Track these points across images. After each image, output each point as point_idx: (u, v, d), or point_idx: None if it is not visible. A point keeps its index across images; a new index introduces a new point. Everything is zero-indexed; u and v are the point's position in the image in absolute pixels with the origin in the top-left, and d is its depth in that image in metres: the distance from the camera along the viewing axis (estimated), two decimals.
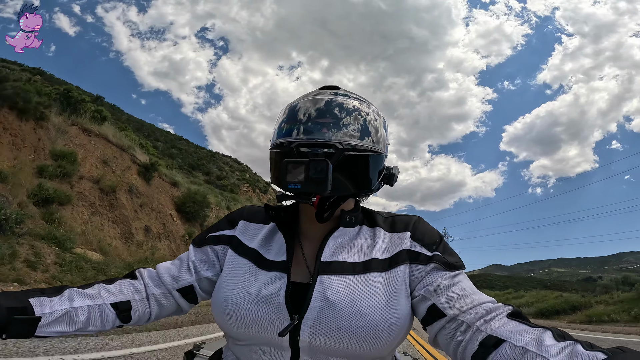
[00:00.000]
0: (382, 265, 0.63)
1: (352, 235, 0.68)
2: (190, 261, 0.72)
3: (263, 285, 0.62)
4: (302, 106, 0.67)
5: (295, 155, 0.61)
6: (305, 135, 0.63)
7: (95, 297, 0.62)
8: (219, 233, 0.74)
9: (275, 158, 0.66)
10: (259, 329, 0.60)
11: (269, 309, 0.60)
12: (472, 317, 0.54)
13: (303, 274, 0.65)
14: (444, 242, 0.67)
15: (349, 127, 0.64)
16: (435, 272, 0.62)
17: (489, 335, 0.50)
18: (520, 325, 0.49)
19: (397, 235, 0.68)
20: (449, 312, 0.57)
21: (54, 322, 0.56)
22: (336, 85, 0.74)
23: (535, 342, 0.45)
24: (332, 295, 0.58)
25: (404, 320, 0.60)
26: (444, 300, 0.58)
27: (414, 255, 0.64)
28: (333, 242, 0.66)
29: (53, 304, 0.57)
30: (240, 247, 0.70)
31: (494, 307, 0.55)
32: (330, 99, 0.67)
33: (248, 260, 0.67)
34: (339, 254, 0.64)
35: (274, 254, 0.67)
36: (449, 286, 0.59)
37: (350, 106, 0.66)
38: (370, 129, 0.66)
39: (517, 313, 0.53)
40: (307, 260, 0.66)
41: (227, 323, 0.62)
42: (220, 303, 0.63)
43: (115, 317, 0.64)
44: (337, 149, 0.61)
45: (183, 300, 0.71)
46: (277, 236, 0.70)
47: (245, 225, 0.73)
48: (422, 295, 0.61)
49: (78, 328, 0.59)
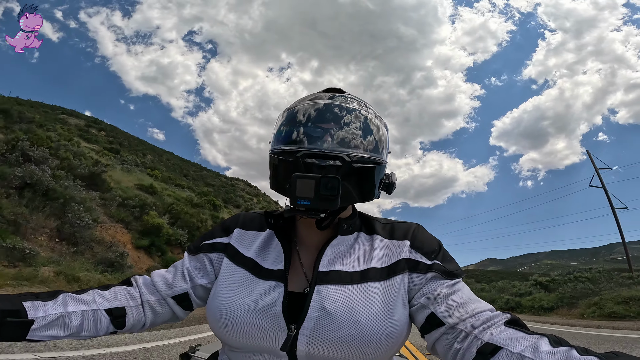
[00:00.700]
0: (380, 274, 0.63)
1: (350, 243, 0.67)
2: (184, 268, 0.71)
3: (260, 295, 0.61)
4: (303, 111, 0.65)
5: (302, 166, 0.60)
6: (309, 143, 0.62)
7: (90, 302, 0.62)
8: (213, 241, 0.73)
9: (278, 165, 0.64)
10: (256, 338, 0.59)
11: (266, 319, 0.59)
12: (471, 325, 0.54)
13: (300, 283, 0.64)
14: (443, 250, 0.67)
15: (355, 136, 0.63)
16: (435, 281, 0.62)
17: (486, 342, 0.51)
18: (518, 332, 0.50)
19: (396, 243, 0.67)
20: (448, 320, 0.57)
21: (47, 326, 0.56)
22: (340, 89, 0.72)
23: (531, 349, 0.45)
24: (330, 305, 0.58)
25: (402, 329, 0.60)
26: (443, 309, 0.58)
27: (413, 264, 0.64)
28: (331, 251, 0.65)
29: (47, 308, 0.57)
30: (237, 256, 0.69)
31: (493, 315, 0.55)
32: (332, 104, 0.65)
33: (244, 270, 0.66)
34: (337, 263, 0.64)
35: (271, 262, 0.66)
36: (448, 295, 0.60)
37: (353, 113, 0.65)
38: (374, 137, 0.66)
39: (515, 321, 0.54)
40: (304, 269, 0.66)
41: (223, 331, 0.62)
42: (216, 312, 0.63)
43: (109, 323, 0.63)
44: (344, 161, 0.60)
45: (178, 308, 0.70)
46: (274, 244, 0.69)
47: (241, 233, 0.73)
48: (421, 303, 0.61)
49: (71, 333, 0.59)
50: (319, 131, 0.63)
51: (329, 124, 0.63)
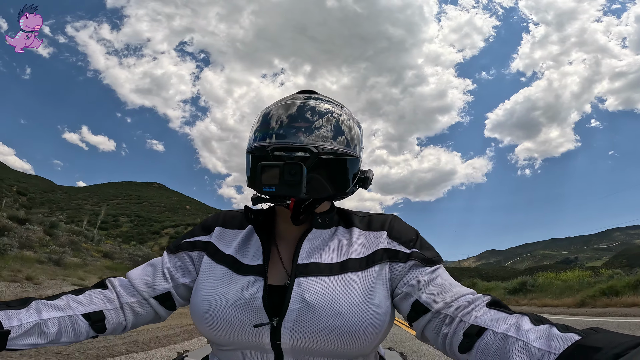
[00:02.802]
0: (359, 264, 0.64)
1: (328, 237, 0.68)
2: (165, 268, 0.70)
3: (240, 290, 0.61)
4: (276, 111, 0.67)
5: (271, 159, 0.62)
6: (279, 140, 0.64)
7: (64, 308, 0.60)
8: (194, 239, 0.73)
9: (251, 162, 0.67)
10: (240, 334, 0.60)
11: (247, 313, 0.59)
12: (455, 309, 0.56)
13: (280, 276, 0.65)
14: (421, 238, 0.68)
15: (323, 130, 0.65)
16: (415, 269, 0.63)
17: (471, 325, 0.52)
18: (499, 313, 0.51)
19: (373, 234, 0.68)
20: (432, 306, 0.58)
21: (24, 335, 0.55)
22: (312, 90, 0.74)
23: (514, 328, 0.47)
24: (310, 297, 0.58)
25: (384, 317, 0.61)
26: (426, 296, 0.59)
27: (392, 254, 0.65)
28: (308, 243, 0.66)
29: (20, 316, 0.55)
30: (217, 254, 0.69)
31: (474, 298, 0.57)
32: (304, 103, 0.67)
33: (224, 267, 0.66)
34: (316, 255, 0.64)
35: (250, 257, 0.66)
36: (429, 281, 0.61)
37: (323, 110, 0.67)
38: (344, 132, 0.67)
39: (496, 302, 0.55)
40: (283, 263, 0.66)
41: (207, 329, 0.62)
42: (198, 309, 0.63)
43: (89, 327, 0.62)
44: (311, 152, 0.62)
45: (161, 308, 0.69)
46: (254, 240, 0.69)
47: (221, 231, 0.73)
48: (405, 292, 0.62)
49: (50, 340, 0.58)
50: (290, 128, 0.65)
51: (300, 122, 0.65)
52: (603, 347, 0.36)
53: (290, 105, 0.67)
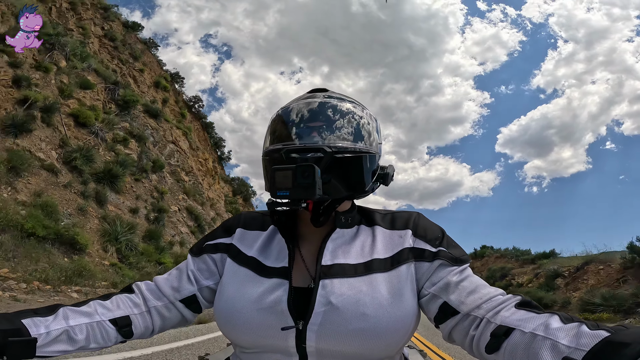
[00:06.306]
0: (384, 265, 0.62)
1: (350, 236, 0.67)
2: (189, 271, 0.70)
3: (265, 293, 0.61)
4: (288, 113, 0.66)
5: (285, 162, 0.61)
6: (292, 141, 0.63)
7: (92, 314, 0.61)
8: (216, 241, 0.73)
9: (266, 166, 0.66)
10: (264, 337, 0.59)
11: (272, 316, 0.59)
12: (484, 311, 0.55)
13: (304, 278, 0.64)
14: (447, 236, 0.67)
15: (339, 129, 0.63)
16: (443, 269, 0.62)
17: (499, 325, 0.51)
18: (529, 313, 0.50)
19: (397, 233, 0.67)
20: (462, 308, 0.57)
21: (53, 342, 0.55)
22: (325, 88, 0.73)
23: (542, 327, 0.46)
24: (336, 299, 0.58)
25: (410, 319, 0.60)
26: (455, 297, 0.58)
27: (418, 253, 0.64)
28: (332, 244, 0.65)
29: (48, 323, 0.56)
30: (239, 256, 0.69)
31: (504, 299, 0.56)
32: (319, 101, 0.66)
33: (248, 269, 0.66)
34: (340, 256, 0.63)
35: (274, 259, 0.66)
36: (458, 282, 0.59)
37: (340, 108, 0.65)
38: (361, 129, 0.65)
39: (526, 302, 0.54)
40: (307, 265, 0.66)
41: (231, 332, 0.62)
42: (223, 312, 0.63)
43: (116, 333, 0.63)
44: (325, 152, 0.60)
45: (187, 311, 0.70)
46: (276, 241, 0.69)
47: (243, 233, 0.72)
48: (432, 293, 0.60)
49: (80, 346, 0.58)
50: (305, 128, 0.63)
51: (315, 122, 0.64)
52: (631, 343, 0.36)
53: (305, 105, 0.66)
